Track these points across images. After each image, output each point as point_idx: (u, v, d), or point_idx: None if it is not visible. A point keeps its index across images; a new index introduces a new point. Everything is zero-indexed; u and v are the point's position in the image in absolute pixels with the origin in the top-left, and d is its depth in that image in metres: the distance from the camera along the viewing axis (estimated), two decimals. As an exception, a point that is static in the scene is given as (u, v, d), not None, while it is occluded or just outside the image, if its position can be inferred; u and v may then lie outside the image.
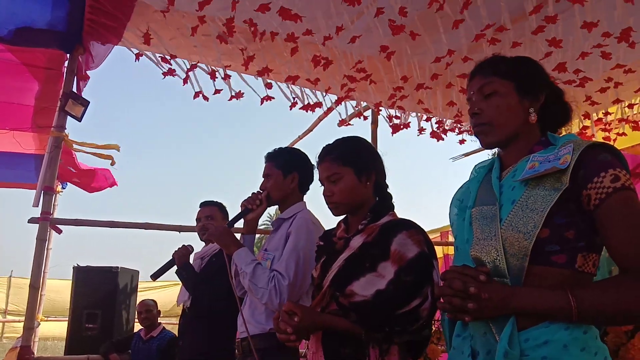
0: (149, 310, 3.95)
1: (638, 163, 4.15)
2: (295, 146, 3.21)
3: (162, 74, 3.37)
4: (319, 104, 3.86)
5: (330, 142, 1.75)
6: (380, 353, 1.45)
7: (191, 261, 2.92)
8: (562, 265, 1.07)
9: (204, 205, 3.05)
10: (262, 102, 3.60)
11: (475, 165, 1.36)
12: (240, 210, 2.15)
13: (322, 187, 1.71)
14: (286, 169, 2.20)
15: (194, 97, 3.49)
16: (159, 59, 3.35)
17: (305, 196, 2.29)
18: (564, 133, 1.29)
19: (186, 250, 2.86)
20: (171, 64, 3.36)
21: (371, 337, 1.45)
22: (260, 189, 2.20)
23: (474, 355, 1.14)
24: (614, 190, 1.04)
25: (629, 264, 1.03)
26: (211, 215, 2.98)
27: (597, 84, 3.66)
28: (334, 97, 4.02)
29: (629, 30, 2.84)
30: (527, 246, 1.06)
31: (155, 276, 2.91)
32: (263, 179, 2.22)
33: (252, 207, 2.13)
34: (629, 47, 3.01)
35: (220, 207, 3.05)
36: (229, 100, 3.55)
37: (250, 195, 2.17)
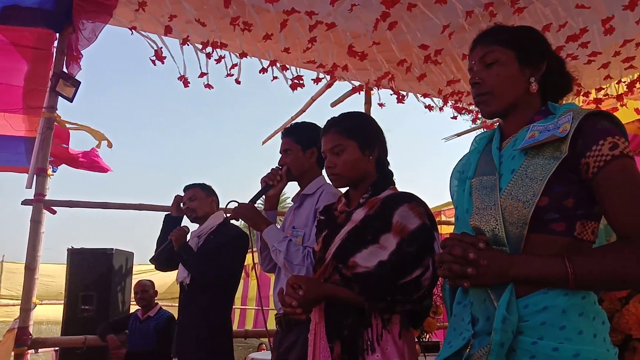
0: (145, 291, 3.95)
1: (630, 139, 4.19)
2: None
3: (151, 60, 3.32)
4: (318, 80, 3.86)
5: (336, 115, 1.77)
6: (382, 322, 1.48)
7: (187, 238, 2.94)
8: (561, 233, 1.09)
9: (186, 188, 3.08)
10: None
11: (476, 137, 1.37)
12: (260, 187, 2.14)
13: (325, 159, 1.73)
14: (305, 144, 2.18)
15: (184, 82, 3.46)
16: (151, 38, 3.31)
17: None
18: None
19: (182, 231, 2.88)
20: (162, 43, 3.32)
21: (374, 306, 1.47)
22: (279, 164, 2.19)
23: (474, 322, 1.16)
24: (612, 158, 1.05)
25: (626, 231, 1.05)
26: (193, 196, 3.00)
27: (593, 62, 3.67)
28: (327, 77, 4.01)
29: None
30: (527, 214, 1.08)
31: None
32: (281, 154, 2.21)
33: (273, 183, 2.12)
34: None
35: (202, 187, 3.06)
36: (226, 76, 3.54)
37: (270, 171, 2.15)
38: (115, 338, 3.58)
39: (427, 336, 2.91)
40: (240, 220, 2.20)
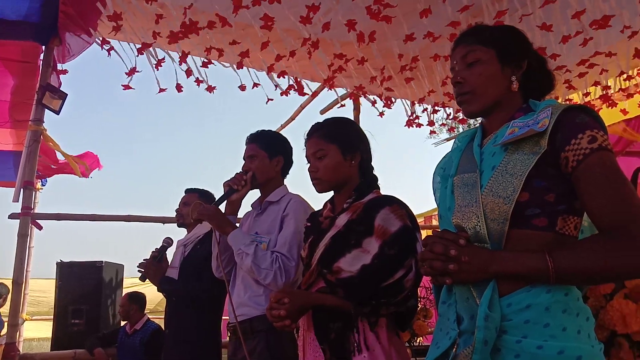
0: (121, 305, 3.95)
1: (614, 142, 4.25)
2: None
3: (126, 74, 3.29)
4: (301, 91, 3.87)
5: (320, 121, 1.78)
6: (369, 325, 1.48)
7: (173, 249, 2.93)
8: (542, 229, 1.09)
9: (185, 192, 3.04)
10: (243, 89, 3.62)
11: (458, 135, 1.38)
12: (224, 191, 2.13)
13: (308, 164, 1.73)
14: (272, 152, 2.19)
15: (159, 92, 3.45)
16: (135, 48, 3.29)
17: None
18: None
19: (157, 267, 2.81)
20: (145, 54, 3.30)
21: (359, 311, 1.47)
22: (243, 170, 2.18)
23: (459, 320, 1.15)
24: (591, 152, 1.05)
25: (605, 224, 1.04)
26: (187, 202, 2.94)
27: (576, 69, 3.73)
28: (316, 85, 4.02)
29: (607, 18, 2.93)
30: (507, 210, 1.07)
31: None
32: (245, 160, 2.20)
33: (237, 187, 2.11)
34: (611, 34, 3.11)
35: (200, 193, 3.00)
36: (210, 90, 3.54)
37: (234, 175, 2.14)
38: (103, 352, 3.53)
39: (419, 340, 2.89)
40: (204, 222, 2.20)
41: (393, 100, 4.27)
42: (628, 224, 1.01)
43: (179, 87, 3.46)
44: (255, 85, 3.68)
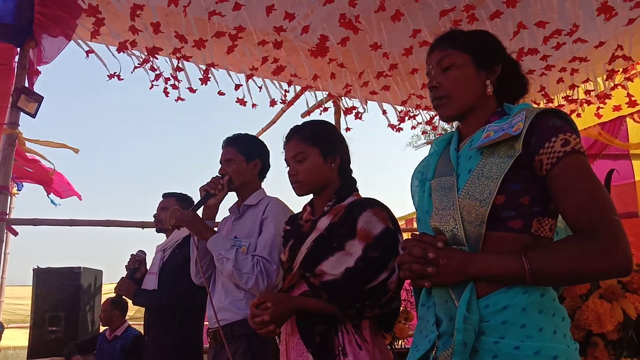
0: (103, 310, 3.89)
1: (590, 145, 4.34)
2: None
3: (108, 76, 3.29)
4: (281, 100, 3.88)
5: (299, 124, 1.77)
6: (353, 327, 1.49)
7: (152, 255, 2.89)
8: (518, 231, 1.10)
9: (163, 196, 3.00)
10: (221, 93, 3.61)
11: (435, 139, 1.39)
12: (200, 196, 2.10)
13: (288, 167, 1.72)
14: (249, 155, 2.18)
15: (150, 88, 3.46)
16: (113, 51, 3.26)
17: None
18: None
19: (128, 284, 2.80)
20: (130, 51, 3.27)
21: (345, 314, 1.48)
22: (220, 173, 2.16)
23: (438, 323, 1.16)
24: (564, 155, 1.07)
25: (579, 226, 1.06)
26: (165, 207, 2.90)
27: (552, 75, 3.80)
28: (297, 88, 4.02)
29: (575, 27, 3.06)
30: (484, 213, 1.09)
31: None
32: (222, 163, 2.18)
33: (214, 192, 2.09)
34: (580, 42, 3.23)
35: (178, 198, 2.96)
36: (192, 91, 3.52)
37: (210, 180, 2.12)
38: (82, 359, 3.47)
39: (401, 343, 2.90)
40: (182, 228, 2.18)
41: (366, 110, 4.29)
42: (600, 226, 1.03)
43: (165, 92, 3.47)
44: (237, 86, 3.68)
